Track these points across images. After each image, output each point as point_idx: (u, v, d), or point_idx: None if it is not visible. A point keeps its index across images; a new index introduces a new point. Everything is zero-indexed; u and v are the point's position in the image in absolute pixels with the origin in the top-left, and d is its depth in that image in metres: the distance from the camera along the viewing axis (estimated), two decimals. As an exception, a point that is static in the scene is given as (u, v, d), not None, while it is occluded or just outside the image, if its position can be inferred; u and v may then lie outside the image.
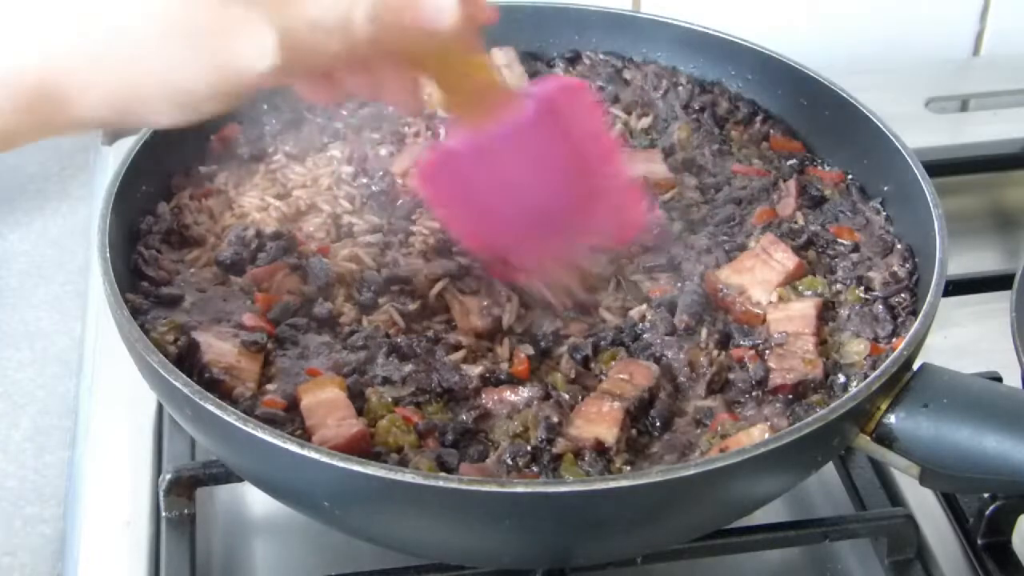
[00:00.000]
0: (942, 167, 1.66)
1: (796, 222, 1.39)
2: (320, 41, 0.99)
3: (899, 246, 1.35)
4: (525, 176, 1.19)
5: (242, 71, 0.97)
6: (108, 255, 1.21)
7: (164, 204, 1.37)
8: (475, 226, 1.24)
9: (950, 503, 1.32)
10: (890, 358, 1.14)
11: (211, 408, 1.08)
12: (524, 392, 1.20)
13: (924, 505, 1.32)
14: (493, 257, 1.26)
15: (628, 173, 1.31)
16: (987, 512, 1.28)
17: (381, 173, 1.44)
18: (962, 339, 1.53)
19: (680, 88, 1.56)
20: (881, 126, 1.39)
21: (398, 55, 1.08)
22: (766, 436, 1.11)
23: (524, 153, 1.17)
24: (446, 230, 1.30)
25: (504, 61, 1.56)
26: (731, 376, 1.23)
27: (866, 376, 1.19)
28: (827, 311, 1.29)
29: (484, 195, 1.20)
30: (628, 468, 1.14)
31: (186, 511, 1.30)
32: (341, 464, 1.03)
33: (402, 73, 1.11)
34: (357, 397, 1.18)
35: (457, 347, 1.24)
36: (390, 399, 1.18)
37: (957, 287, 1.51)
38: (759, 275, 1.31)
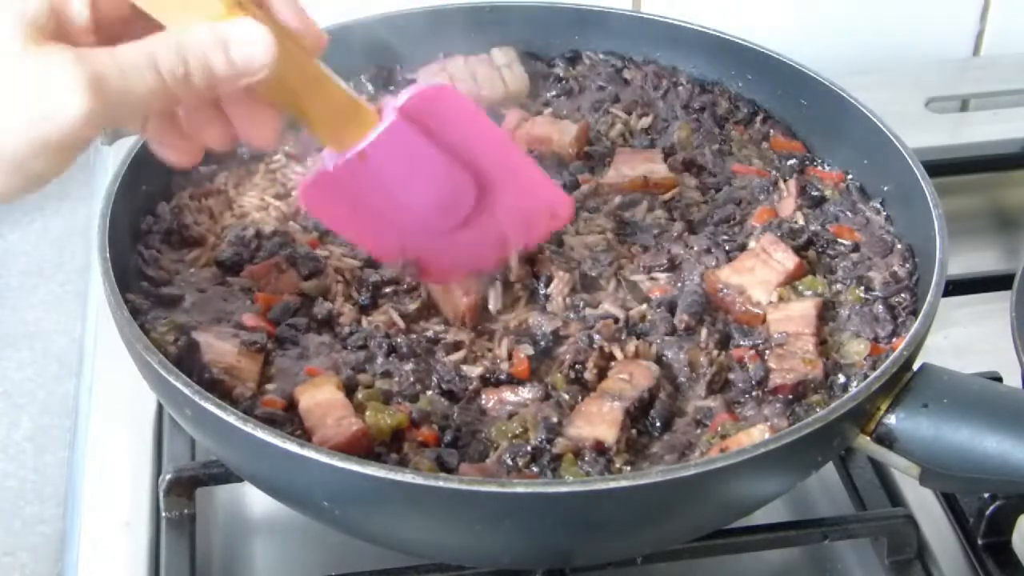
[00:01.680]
0: (942, 167, 1.66)
1: (796, 222, 1.39)
2: (132, 83, 0.96)
3: (899, 246, 1.35)
4: (408, 182, 1.20)
5: (58, 119, 0.94)
6: (108, 255, 1.21)
7: (164, 204, 1.37)
8: (377, 238, 1.26)
9: (950, 503, 1.32)
10: (890, 358, 1.14)
11: (211, 408, 1.08)
12: (524, 392, 1.20)
13: (924, 505, 1.32)
14: (415, 263, 1.28)
15: (527, 161, 1.31)
16: (987, 512, 1.28)
17: (381, 173, 1.44)
18: (962, 339, 1.53)
19: (680, 88, 1.56)
20: (881, 126, 1.39)
21: (235, 93, 1.07)
22: (766, 436, 1.11)
23: (399, 161, 1.18)
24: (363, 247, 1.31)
25: (504, 61, 1.57)
26: (731, 376, 1.23)
27: (866, 376, 1.19)
28: (827, 311, 1.29)
29: (373, 207, 1.22)
30: (628, 468, 1.14)
31: (186, 511, 1.30)
32: (341, 464, 1.03)
33: (249, 108, 1.10)
34: (353, 394, 1.18)
35: (457, 347, 1.25)
36: (380, 393, 1.18)
37: (957, 287, 1.51)
38: (759, 275, 1.31)
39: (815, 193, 1.43)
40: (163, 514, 1.30)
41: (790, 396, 1.20)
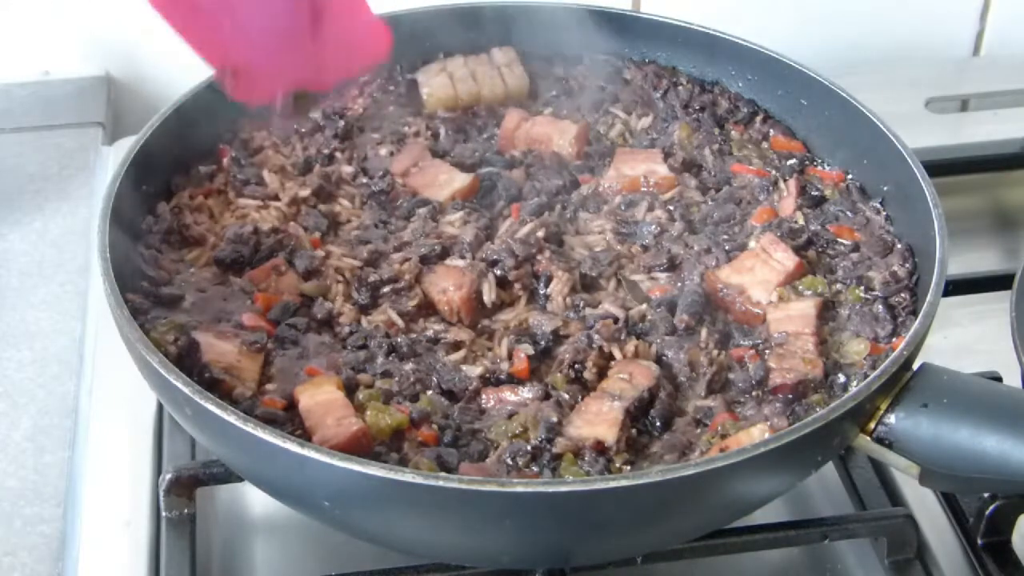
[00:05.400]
0: (942, 167, 1.66)
1: (796, 222, 1.39)
2: None
3: (899, 246, 1.35)
4: None
5: None
6: (108, 255, 1.21)
7: (164, 204, 1.37)
8: (205, 35, 1.29)
9: (950, 503, 1.32)
10: (890, 358, 1.14)
11: (211, 408, 1.08)
12: (524, 392, 1.20)
13: (924, 505, 1.32)
14: (233, 71, 1.31)
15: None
16: (987, 512, 1.28)
17: (381, 173, 1.44)
18: (962, 339, 1.53)
19: (680, 88, 1.56)
20: (881, 126, 1.39)
21: None
22: (766, 436, 1.11)
23: None
24: (192, 47, 1.31)
25: (504, 61, 1.57)
26: (731, 376, 1.23)
27: (866, 376, 1.19)
28: (827, 311, 1.29)
29: (206, 4, 1.27)
30: (628, 468, 1.14)
31: (186, 511, 1.30)
32: (341, 464, 1.03)
33: None
34: (353, 394, 1.18)
35: (457, 346, 1.25)
36: (380, 393, 1.18)
37: (957, 287, 1.51)
38: (759, 275, 1.31)
39: (815, 193, 1.43)
40: (163, 514, 1.30)
41: (790, 396, 1.20)
